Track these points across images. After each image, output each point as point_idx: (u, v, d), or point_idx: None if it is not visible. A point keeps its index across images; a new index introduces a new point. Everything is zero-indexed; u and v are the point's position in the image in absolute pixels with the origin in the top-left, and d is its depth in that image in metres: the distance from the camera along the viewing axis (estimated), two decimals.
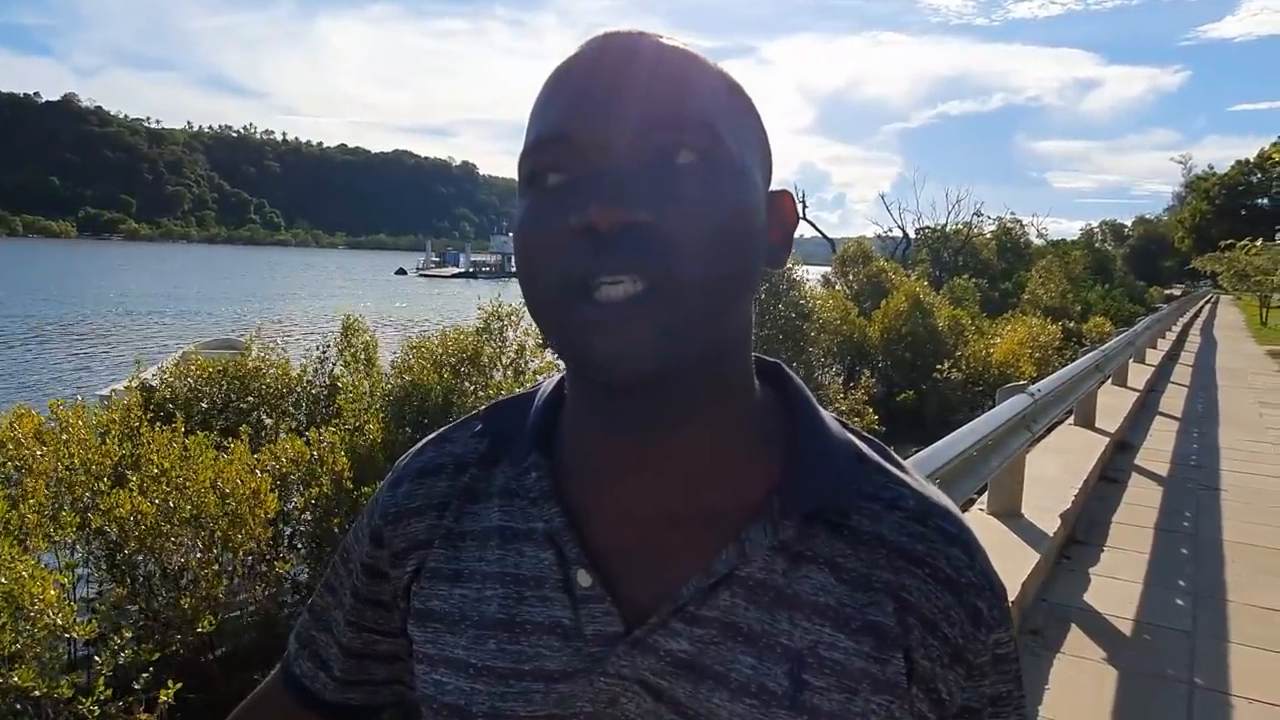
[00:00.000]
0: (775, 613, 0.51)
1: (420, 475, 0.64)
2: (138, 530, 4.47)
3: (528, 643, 0.54)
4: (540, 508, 0.57)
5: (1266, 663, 3.41)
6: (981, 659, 0.53)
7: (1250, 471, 6.79)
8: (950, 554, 0.53)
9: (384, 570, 0.63)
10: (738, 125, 0.52)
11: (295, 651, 0.71)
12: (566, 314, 0.48)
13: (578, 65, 0.51)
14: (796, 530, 0.53)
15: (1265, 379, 13.69)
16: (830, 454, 0.56)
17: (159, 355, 15.47)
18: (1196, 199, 60.64)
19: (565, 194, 0.48)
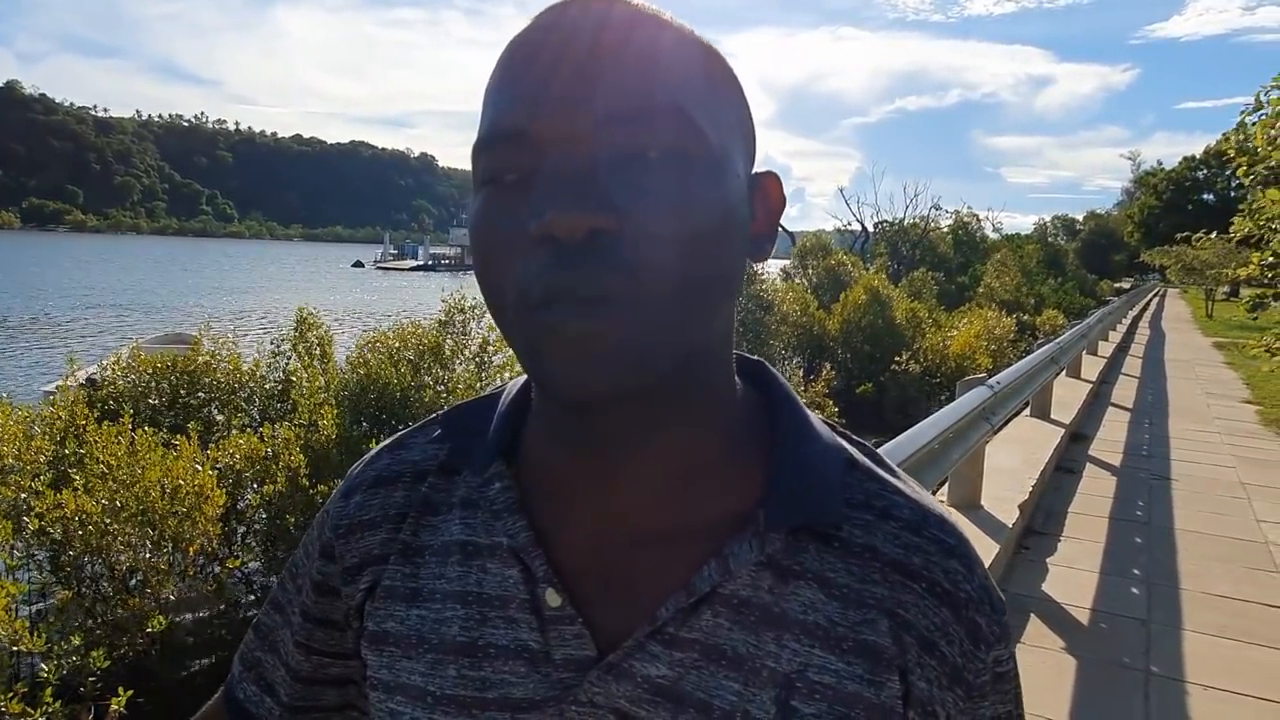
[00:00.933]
0: (761, 633, 0.47)
1: (374, 484, 0.58)
2: (82, 531, 4.33)
3: (491, 668, 0.49)
4: (504, 521, 0.51)
5: (1220, 649, 3.47)
6: (981, 679, 0.50)
7: (1199, 461, 6.95)
8: (948, 566, 0.49)
9: (335, 587, 0.58)
10: (717, 106, 0.46)
11: (239, 674, 0.65)
12: (524, 324, 0.44)
13: (534, 42, 0.45)
14: (784, 544, 0.48)
15: (1211, 370, 14.05)
16: (819, 460, 0.51)
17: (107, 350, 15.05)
18: (1145, 194, 62.09)
19: (523, 195, 0.43)
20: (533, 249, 0.42)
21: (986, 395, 4.51)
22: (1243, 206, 4.61)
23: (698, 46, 0.47)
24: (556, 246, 0.41)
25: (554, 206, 0.41)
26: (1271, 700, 3.06)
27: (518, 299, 0.43)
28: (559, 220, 0.41)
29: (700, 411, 0.50)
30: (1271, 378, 11.46)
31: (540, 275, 0.42)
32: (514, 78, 0.45)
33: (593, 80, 0.43)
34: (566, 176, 0.42)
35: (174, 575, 4.53)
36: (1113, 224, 70.70)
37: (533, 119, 0.43)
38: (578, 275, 0.41)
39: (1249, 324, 14.65)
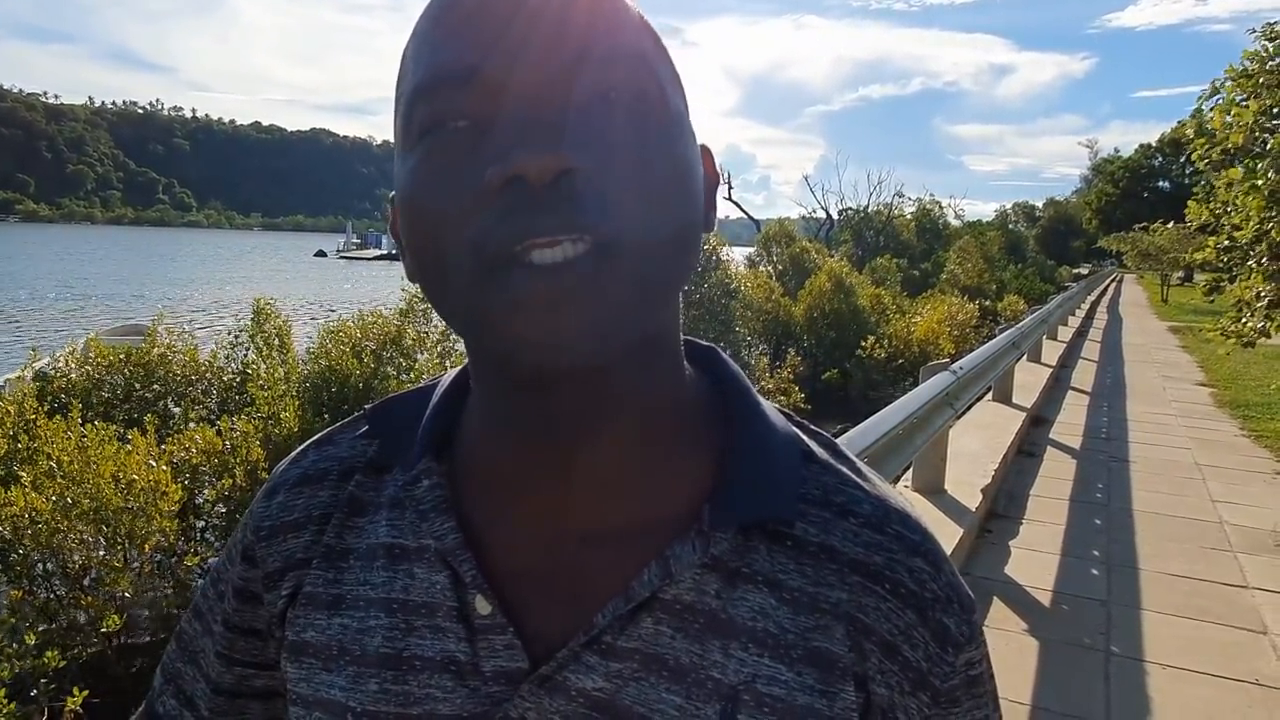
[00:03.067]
0: (706, 642, 0.44)
1: (299, 483, 0.54)
2: (33, 529, 4.20)
3: (416, 682, 0.46)
4: (431, 522, 0.48)
5: (1177, 628, 3.53)
6: (950, 683, 0.47)
7: (1156, 443, 7.08)
8: (913, 565, 0.46)
9: (257, 593, 0.54)
10: (664, 65, 0.44)
11: (159, 687, 0.60)
12: (481, 294, 0.39)
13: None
14: (731, 544, 0.45)
15: (1167, 354, 14.34)
16: (771, 453, 0.48)
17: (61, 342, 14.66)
18: (1102, 182, 63.19)
19: (475, 144, 0.39)
20: (490, 200, 0.38)
21: (950, 380, 4.54)
22: (1197, 191, 4.69)
23: (639, 11, 0.44)
24: (521, 192, 0.37)
25: (524, 148, 0.37)
26: (1228, 677, 3.12)
27: (474, 261, 0.39)
28: (529, 161, 0.37)
29: (652, 397, 0.46)
30: (1225, 361, 11.73)
31: (506, 222, 0.38)
32: (454, 19, 0.40)
33: (557, 22, 0.39)
34: (530, 115, 0.38)
35: (129, 573, 4.42)
36: (1071, 211, 71.84)
37: (487, 60, 0.39)
38: (553, 220, 0.37)
39: (1203, 308, 14.97)
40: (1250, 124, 4.00)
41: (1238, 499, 5.49)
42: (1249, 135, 4.00)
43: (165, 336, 7.12)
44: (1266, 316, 4.25)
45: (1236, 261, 4.42)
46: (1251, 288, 4.34)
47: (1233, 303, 4.97)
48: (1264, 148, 3.82)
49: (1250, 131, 4.00)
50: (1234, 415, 8.62)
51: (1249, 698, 2.99)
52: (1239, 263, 4.40)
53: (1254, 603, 3.82)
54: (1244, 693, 3.02)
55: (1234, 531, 4.81)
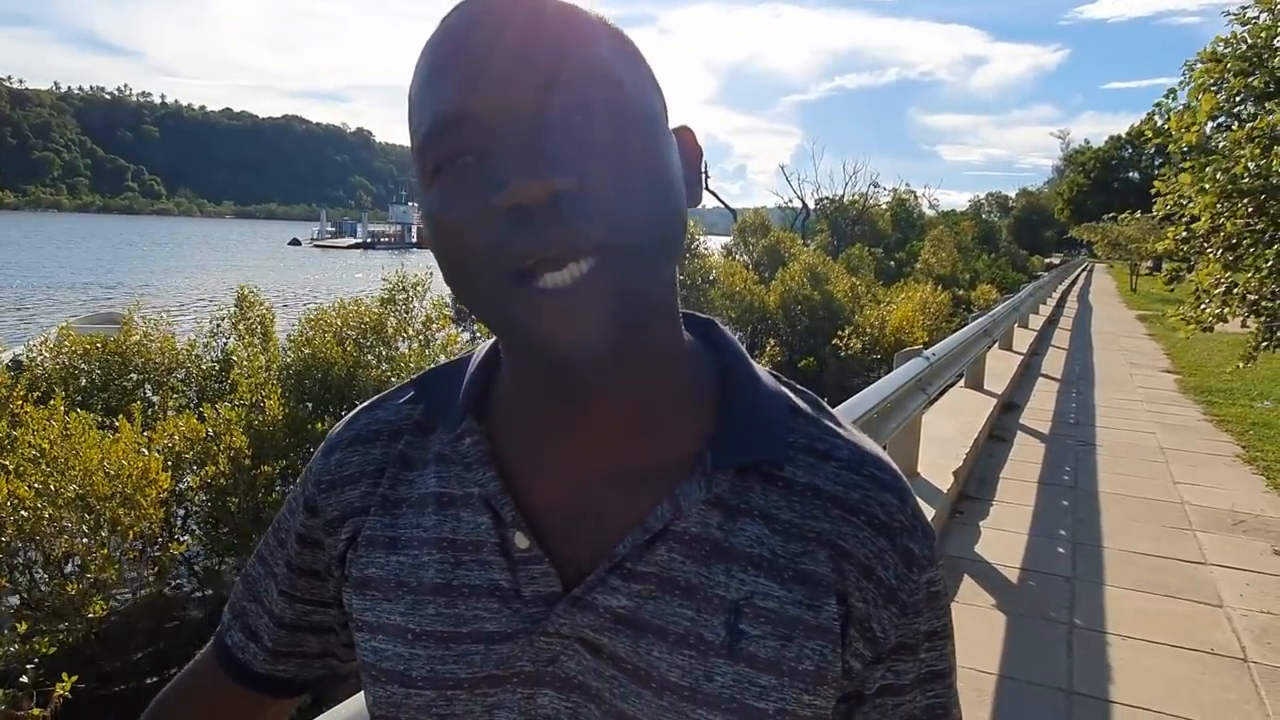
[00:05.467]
0: (712, 565, 0.52)
1: (354, 443, 0.62)
2: (15, 516, 4.22)
3: (466, 606, 0.54)
4: (475, 472, 0.56)
5: (1136, 601, 3.68)
6: (915, 597, 0.55)
7: (1122, 428, 7.28)
8: (883, 499, 0.55)
9: (318, 539, 0.62)
10: (633, 69, 0.50)
11: (228, 622, 0.69)
12: (508, 302, 0.46)
13: (454, 32, 0.47)
14: (731, 484, 0.53)
15: (1135, 341, 14.64)
16: (763, 407, 0.56)
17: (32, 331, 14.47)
18: (1073, 172, 63.90)
19: (479, 174, 0.46)
20: (497, 221, 0.45)
21: (923, 366, 4.66)
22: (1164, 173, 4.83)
23: (604, 22, 0.51)
24: (522, 214, 0.44)
25: (514, 175, 0.43)
26: (1184, 647, 3.28)
27: (496, 276, 0.46)
28: (521, 187, 0.43)
29: (656, 361, 0.54)
30: (1190, 349, 12.01)
31: (513, 242, 0.44)
32: (441, 67, 0.47)
33: (519, 50, 0.45)
34: (519, 146, 0.44)
35: (114, 560, 4.44)
36: (1044, 201, 72.62)
37: (471, 98, 0.45)
38: (547, 237, 0.44)
39: (1169, 297, 15.27)
40: (1204, 121, 4.15)
41: (1199, 481, 5.68)
42: (1201, 134, 4.15)
43: (141, 325, 7.10)
44: (1223, 303, 4.41)
45: (1195, 252, 4.59)
46: (1209, 276, 4.51)
47: (1191, 291, 5.14)
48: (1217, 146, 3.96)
49: (1202, 126, 4.14)
50: (1198, 401, 8.86)
51: (1203, 666, 3.14)
52: (1197, 253, 4.56)
53: (1211, 578, 3.99)
54: (1199, 661, 3.18)
55: (1194, 511, 4.99)
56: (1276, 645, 3.32)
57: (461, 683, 0.53)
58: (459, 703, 0.53)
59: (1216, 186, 3.90)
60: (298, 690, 0.68)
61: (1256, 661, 3.19)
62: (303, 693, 0.69)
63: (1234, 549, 4.39)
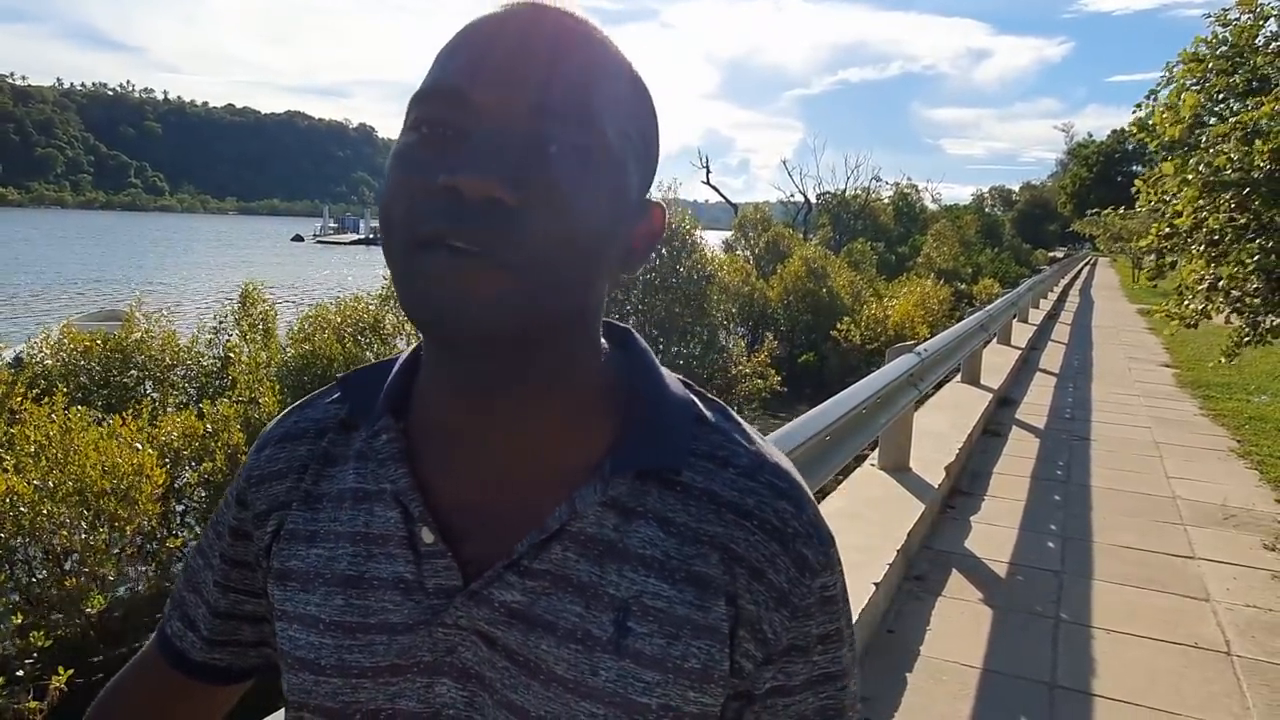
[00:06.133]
0: (605, 565, 0.55)
1: (282, 440, 0.66)
2: (14, 512, 4.26)
3: (374, 597, 0.57)
4: (388, 469, 0.59)
5: (1123, 595, 3.71)
6: (807, 601, 0.57)
7: (1118, 422, 7.29)
8: (778, 506, 0.57)
9: (248, 531, 0.65)
10: (627, 121, 0.53)
11: (168, 613, 0.72)
12: (413, 262, 0.49)
13: (490, 26, 0.51)
14: (629, 488, 0.56)
15: (1135, 335, 14.64)
16: (667, 415, 0.59)
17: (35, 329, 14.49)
18: (1077, 166, 63.71)
19: (442, 148, 0.49)
20: (433, 195, 0.48)
21: (914, 362, 4.68)
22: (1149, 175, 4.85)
23: (625, 66, 0.54)
24: (454, 200, 0.47)
25: (467, 166, 0.47)
26: (1168, 641, 3.30)
27: (413, 236, 0.49)
28: (468, 181, 0.47)
29: (568, 370, 0.57)
30: (1189, 343, 12.00)
31: (439, 217, 0.48)
32: (468, 47, 0.51)
33: (536, 73, 0.49)
34: (486, 144, 0.48)
35: (112, 555, 4.49)
36: (1047, 194, 72.42)
37: (472, 85, 0.49)
38: (463, 229, 0.47)
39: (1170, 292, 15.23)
40: (1188, 117, 4.16)
41: (1192, 475, 5.71)
42: (1185, 129, 4.17)
43: (143, 322, 7.15)
44: (1206, 299, 4.43)
45: (1178, 247, 4.61)
46: (1194, 272, 4.53)
47: (1174, 287, 5.16)
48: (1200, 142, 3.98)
49: (1188, 125, 4.16)
50: (1195, 395, 8.88)
51: (1187, 659, 3.17)
52: (1181, 248, 4.58)
53: (1199, 572, 4.02)
54: (1182, 655, 3.21)
55: (1186, 506, 5.02)
56: (1260, 639, 3.35)
57: (366, 671, 0.56)
58: (364, 690, 0.56)
59: (1199, 179, 3.92)
60: (235, 678, 0.71)
61: (1240, 655, 3.21)
62: (240, 681, 0.72)
63: (1223, 543, 4.41)
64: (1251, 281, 4.10)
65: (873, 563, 3.49)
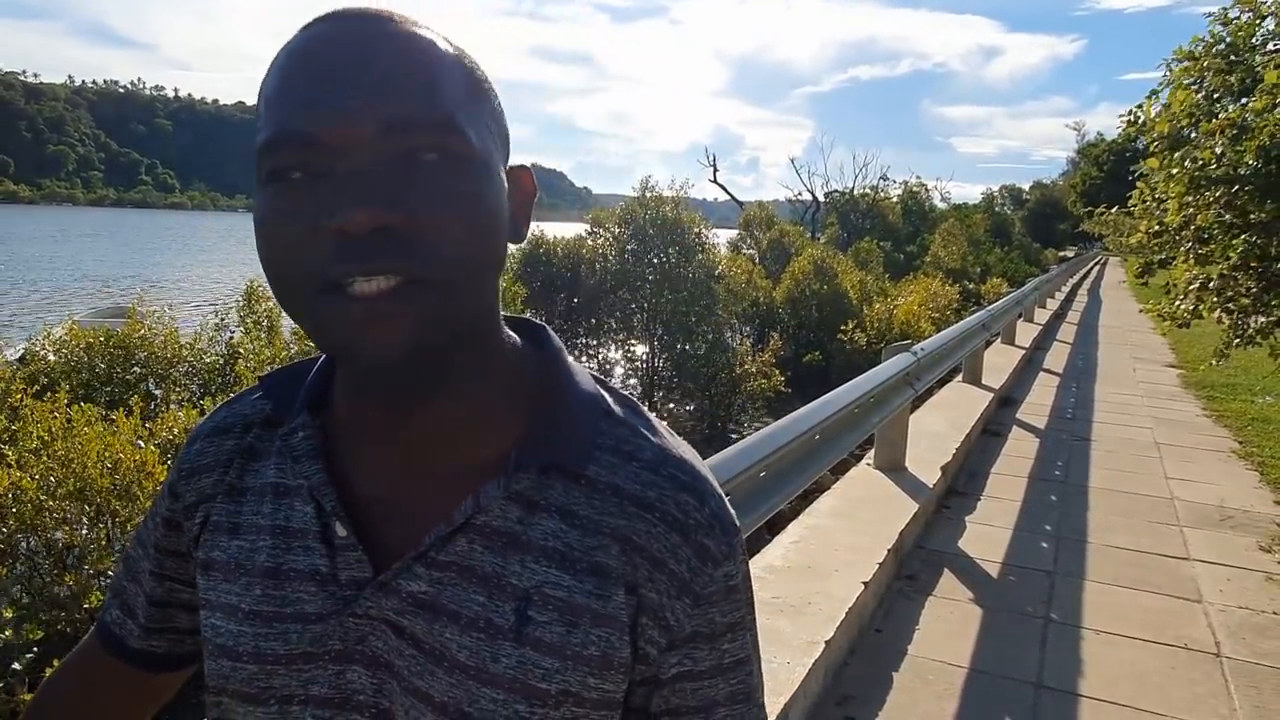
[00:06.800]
0: (508, 556, 0.57)
1: (211, 434, 0.68)
2: (17, 507, 4.30)
3: (290, 588, 0.59)
4: (304, 465, 0.61)
5: (1115, 596, 3.71)
6: (709, 589, 0.59)
7: (1119, 423, 7.27)
8: (680, 499, 0.59)
9: (179, 522, 0.68)
10: (477, 113, 0.54)
11: (108, 601, 0.75)
12: (319, 309, 0.50)
13: (314, 51, 0.50)
14: (534, 482, 0.58)
15: (1141, 335, 14.56)
16: (573, 410, 0.61)
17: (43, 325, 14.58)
18: (1087, 165, 63.36)
19: (310, 192, 0.49)
20: (321, 239, 0.48)
21: (909, 361, 4.68)
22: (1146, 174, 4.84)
23: (460, 60, 0.55)
24: (344, 238, 0.48)
25: (345, 204, 0.47)
26: (1157, 642, 3.30)
27: (310, 285, 0.50)
28: (349, 217, 0.47)
29: (473, 371, 0.59)
30: (1194, 343, 11.95)
31: (334, 261, 0.48)
32: (295, 81, 0.50)
33: (373, 91, 0.49)
34: (353, 178, 0.48)
35: (114, 551, 4.52)
36: (1058, 193, 72.02)
37: (317, 124, 0.49)
38: (363, 265, 0.48)
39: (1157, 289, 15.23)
40: (1180, 114, 4.15)
41: (1191, 476, 5.69)
42: (1175, 126, 4.16)
43: (146, 318, 7.19)
44: (1197, 299, 4.42)
45: (1167, 245, 4.60)
46: (1184, 271, 4.52)
47: (1163, 285, 5.15)
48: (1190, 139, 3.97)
49: (1177, 121, 4.15)
50: (1198, 396, 8.84)
51: (1175, 660, 3.17)
52: (1170, 246, 4.57)
53: (1192, 573, 4.01)
54: (1171, 656, 3.20)
55: (1183, 507, 5.00)
56: (1251, 641, 3.34)
57: (280, 658, 0.58)
58: (278, 677, 0.58)
59: (1184, 174, 3.92)
60: (173, 665, 0.74)
61: (1229, 657, 3.21)
62: (178, 669, 0.74)
63: (1219, 544, 4.40)
64: (1240, 280, 4.08)
65: (863, 562, 3.50)
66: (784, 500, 2.76)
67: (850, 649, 3.11)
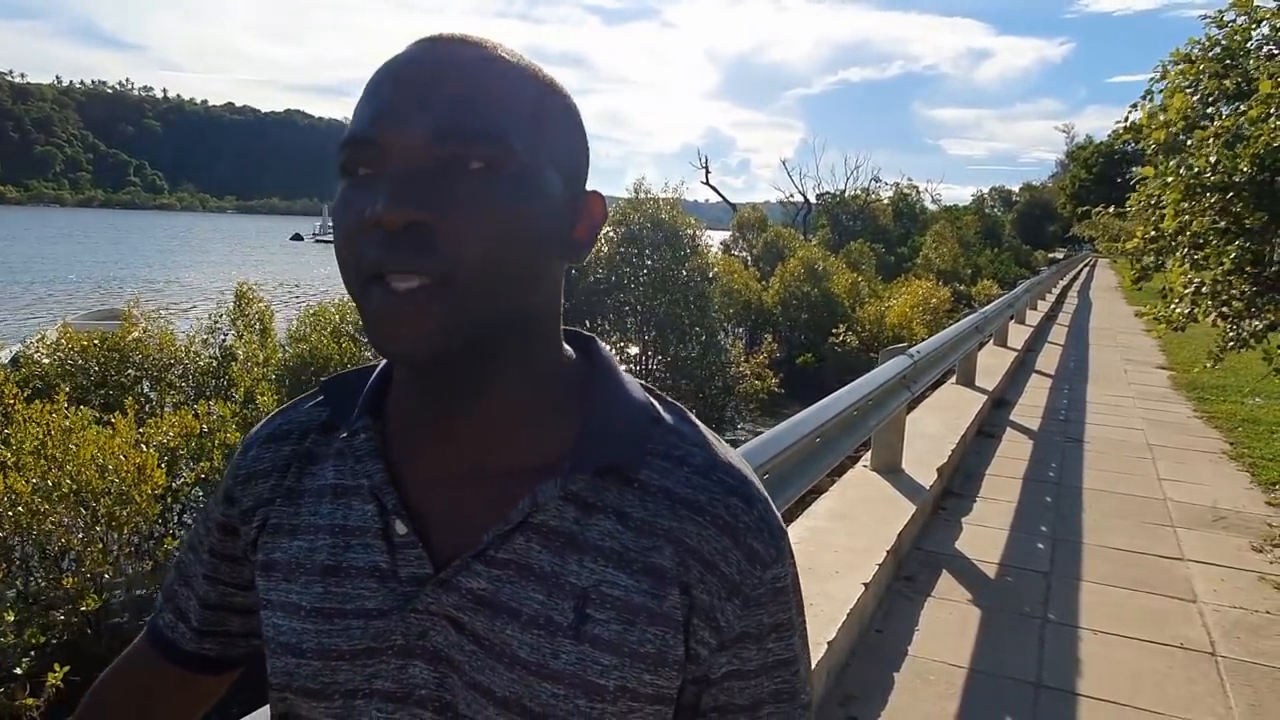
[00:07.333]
0: (565, 555, 0.59)
1: (267, 440, 0.70)
2: (12, 511, 4.29)
3: (350, 585, 0.61)
4: (365, 465, 0.63)
5: (1111, 596, 3.74)
6: (758, 591, 0.61)
7: (1111, 424, 7.33)
8: (729, 502, 0.61)
9: (235, 527, 0.70)
10: (536, 133, 0.57)
11: (160, 606, 0.76)
12: (363, 296, 0.55)
13: (395, 69, 0.56)
14: (589, 483, 0.60)
15: (1131, 337, 14.66)
16: (625, 417, 0.63)
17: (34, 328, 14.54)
18: (1077, 167, 63.71)
19: (367, 188, 0.54)
20: (368, 232, 0.53)
21: (906, 364, 4.71)
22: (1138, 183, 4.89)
23: (529, 83, 0.58)
24: (383, 232, 0.53)
25: (384, 201, 0.52)
26: (1154, 642, 3.33)
27: (359, 271, 0.54)
28: (385, 212, 0.52)
29: (525, 373, 0.61)
30: (1185, 345, 12.03)
31: (373, 251, 0.53)
32: (375, 92, 0.56)
33: (431, 104, 0.54)
34: (397, 178, 0.53)
35: (109, 554, 4.52)
36: (1047, 195, 72.37)
37: (379, 129, 0.54)
38: (394, 257, 0.52)
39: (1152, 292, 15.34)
40: (1176, 118, 4.20)
41: (1183, 477, 5.74)
42: (1170, 131, 4.21)
43: (141, 321, 7.19)
44: (1192, 303, 4.47)
45: (1163, 250, 4.65)
46: (1180, 276, 4.57)
47: (1159, 290, 5.20)
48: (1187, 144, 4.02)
49: (1173, 126, 4.20)
50: (1189, 398, 8.91)
51: (1171, 660, 3.20)
52: (1166, 251, 4.63)
53: (1187, 573, 4.05)
54: (1167, 655, 3.24)
55: (1176, 508, 5.05)
56: (1245, 640, 3.38)
57: (344, 654, 0.60)
58: (342, 672, 0.60)
59: (1180, 181, 3.97)
60: (223, 668, 0.75)
61: (1225, 655, 3.25)
62: (228, 671, 0.76)
63: (1212, 545, 4.44)
64: (1235, 285, 4.13)
65: (863, 563, 3.52)
66: (786, 503, 2.78)
67: (851, 650, 3.13)
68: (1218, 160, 3.68)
